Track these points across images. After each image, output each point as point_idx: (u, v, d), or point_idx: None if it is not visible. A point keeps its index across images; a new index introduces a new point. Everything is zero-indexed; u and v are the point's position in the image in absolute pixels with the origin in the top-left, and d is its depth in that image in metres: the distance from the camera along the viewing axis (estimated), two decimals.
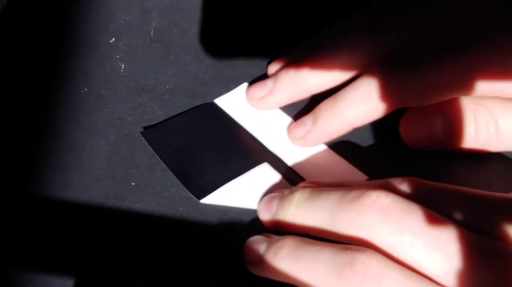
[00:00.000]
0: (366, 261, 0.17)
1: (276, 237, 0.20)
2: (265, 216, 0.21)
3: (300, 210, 0.20)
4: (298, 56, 0.25)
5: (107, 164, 0.25)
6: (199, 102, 0.27)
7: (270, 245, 0.20)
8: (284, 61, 0.26)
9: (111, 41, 0.29)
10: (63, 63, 0.28)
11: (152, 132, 0.26)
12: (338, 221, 0.18)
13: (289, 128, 0.25)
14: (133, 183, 0.24)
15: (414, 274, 0.17)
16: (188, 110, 0.27)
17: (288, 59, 0.26)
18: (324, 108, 0.23)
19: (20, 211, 0.24)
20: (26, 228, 0.23)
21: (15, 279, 0.22)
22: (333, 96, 0.23)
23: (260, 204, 0.22)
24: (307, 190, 0.20)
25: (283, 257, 0.19)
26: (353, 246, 0.18)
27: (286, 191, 0.21)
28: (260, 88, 0.25)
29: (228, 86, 0.27)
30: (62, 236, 0.23)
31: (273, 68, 0.26)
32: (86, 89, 0.27)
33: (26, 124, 0.26)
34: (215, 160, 0.24)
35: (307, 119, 0.24)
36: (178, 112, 0.26)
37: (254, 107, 0.26)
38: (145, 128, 0.26)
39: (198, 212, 0.23)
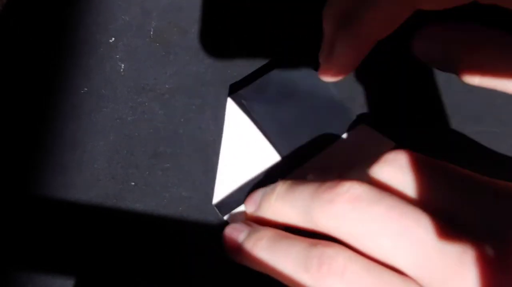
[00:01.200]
0: (332, 255, 0.18)
1: (256, 227, 0.21)
2: (250, 208, 0.22)
3: (280, 202, 0.20)
4: None
5: (107, 164, 0.25)
6: (199, 102, 0.27)
7: (250, 234, 0.20)
8: None
9: (111, 41, 0.29)
10: (63, 63, 0.28)
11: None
12: (312, 211, 0.19)
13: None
14: (133, 183, 0.24)
15: (378, 266, 0.17)
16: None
17: None
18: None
19: (20, 211, 0.24)
20: (26, 228, 0.23)
21: (15, 279, 0.22)
22: None
23: (248, 198, 0.22)
24: (288, 182, 0.21)
25: (261, 249, 0.19)
26: (323, 241, 0.18)
27: (271, 185, 0.22)
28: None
29: (228, 86, 0.27)
30: (62, 236, 0.23)
31: None
32: (86, 89, 0.27)
33: (26, 124, 0.26)
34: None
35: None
36: (178, 112, 0.26)
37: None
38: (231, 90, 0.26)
39: (198, 212, 0.23)
